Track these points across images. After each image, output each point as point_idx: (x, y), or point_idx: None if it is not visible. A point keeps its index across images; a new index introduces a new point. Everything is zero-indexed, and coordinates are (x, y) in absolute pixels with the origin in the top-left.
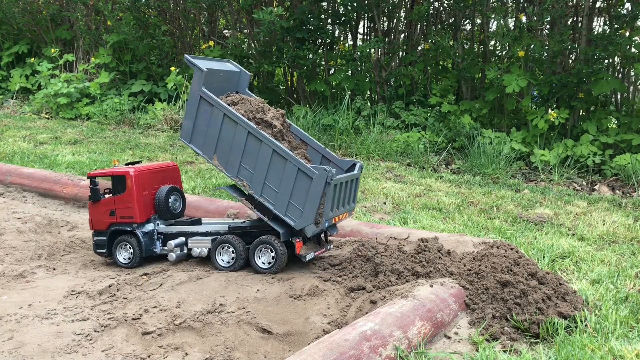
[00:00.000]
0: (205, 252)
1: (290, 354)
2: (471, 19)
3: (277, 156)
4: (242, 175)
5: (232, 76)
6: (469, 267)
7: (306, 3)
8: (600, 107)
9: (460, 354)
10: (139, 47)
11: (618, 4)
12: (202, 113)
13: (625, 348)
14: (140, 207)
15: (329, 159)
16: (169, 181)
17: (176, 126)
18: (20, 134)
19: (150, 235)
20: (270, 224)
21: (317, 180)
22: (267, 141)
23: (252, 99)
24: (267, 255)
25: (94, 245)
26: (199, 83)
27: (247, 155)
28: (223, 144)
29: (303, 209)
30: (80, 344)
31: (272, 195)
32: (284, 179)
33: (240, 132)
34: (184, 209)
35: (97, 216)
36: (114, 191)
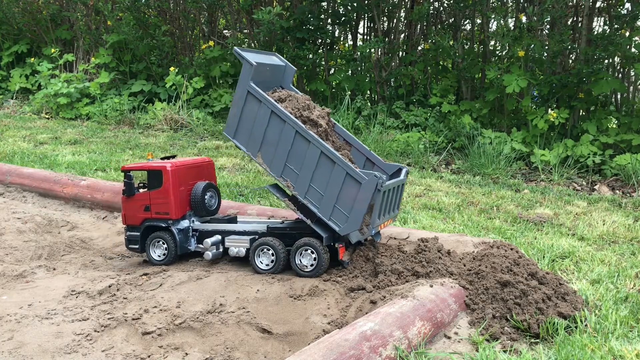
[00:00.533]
0: (243, 252)
1: (290, 354)
2: (471, 19)
3: (325, 158)
4: (287, 175)
5: (277, 70)
6: (469, 267)
7: (306, 3)
8: (600, 107)
9: (460, 354)
10: (138, 47)
11: (618, 4)
12: (249, 109)
13: (625, 348)
14: (177, 203)
15: (374, 162)
16: (204, 177)
17: (176, 126)
18: (20, 134)
19: (186, 232)
20: (313, 227)
21: (367, 186)
22: (316, 142)
23: (298, 96)
24: (309, 258)
25: (127, 241)
26: (247, 77)
27: (293, 155)
28: (269, 142)
29: (349, 215)
30: (80, 344)
31: (317, 198)
32: (330, 182)
33: (288, 131)
34: (219, 206)
35: (131, 211)
36: (150, 186)
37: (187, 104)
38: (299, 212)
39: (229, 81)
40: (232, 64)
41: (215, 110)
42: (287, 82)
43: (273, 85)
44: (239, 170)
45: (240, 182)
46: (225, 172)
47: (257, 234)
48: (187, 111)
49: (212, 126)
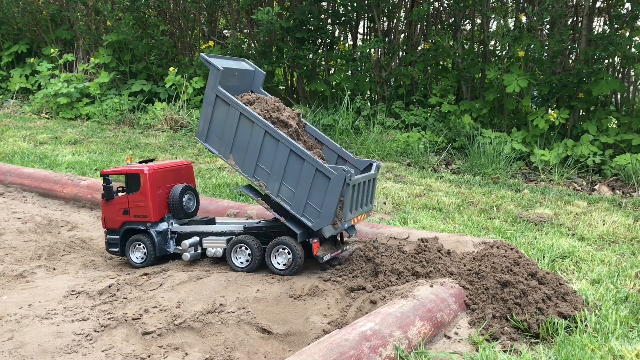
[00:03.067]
0: (220, 252)
1: (290, 354)
2: (471, 19)
3: (294, 156)
4: (259, 175)
5: (246, 75)
6: (469, 267)
7: (306, 3)
8: (600, 107)
9: (460, 354)
10: (138, 47)
11: (618, 4)
12: (218, 112)
13: (625, 348)
14: (155, 206)
15: (345, 159)
16: (182, 180)
17: (176, 126)
18: (20, 134)
19: (164, 235)
20: (287, 225)
21: (336, 181)
22: (284, 141)
23: (267, 98)
24: (284, 256)
25: (107, 244)
26: (215, 82)
27: (263, 155)
28: (239, 144)
29: (321, 210)
30: (80, 344)
31: (289, 195)
32: (301, 179)
33: (257, 131)
34: (197, 208)
35: (110, 214)
36: (128, 189)
37: (187, 104)
38: (273, 211)
39: None
40: None
41: None
42: (257, 86)
43: (243, 89)
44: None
45: (240, 182)
46: (225, 172)
47: (233, 234)
48: (187, 111)
49: None
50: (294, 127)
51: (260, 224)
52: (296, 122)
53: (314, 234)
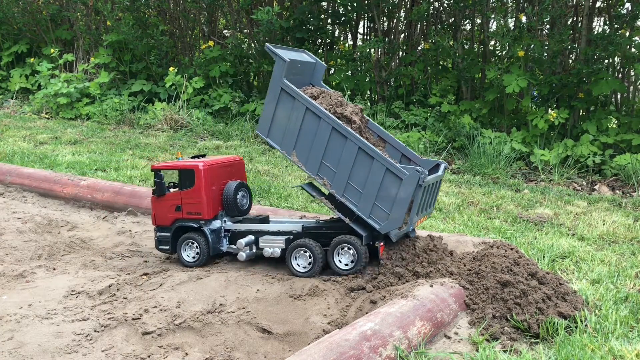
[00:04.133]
0: (278, 252)
1: (290, 354)
2: (471, 19)
3: (363, 154)
4: (324, 173)
5: (307, 67)
6: (469, 267)
7: (306, 3)
8: (600, 107)
9: (460, 354)
10: (138, 47)
11: (618, 4)
12: (283, 106)
13: (625, 348)
14: (209, 202)
15: (410, 158)
16: (235, 176)
17: (176, 126)
18: (20, 134)
19: (218, 233)
20: (352, 226)
21: (408, 182)
22: (353, 138)
23: (331, 92)
24: (348, 256)
25: (156, 242)
26: (280, 74)
27: (329, 153)
28: (304, 140)
29: (390, 212)
30: (80, 344)
31: (356, 195)
32: (369, 179)
33: (324, 127)
34: (250, 206)
35: (161, 211)
36: (181, 185)
37: (186, 104)
38: (337, 211)
39: (229, 81)
40: (231, 64)
41: (215, 110)
42: (317, 79)
43: (304, 82)
44: None
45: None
46: None
47: (291, 234)
48: (187, 111)
49: (212, 126)
50: (358, 123)
51: (320, 224)
52: (359, 118)
53: (379, 236)
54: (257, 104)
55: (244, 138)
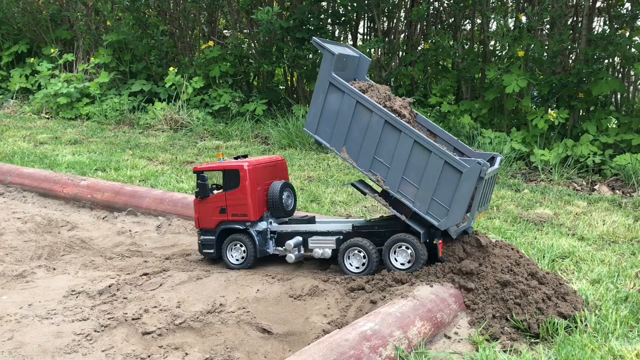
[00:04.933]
0: (329, 253)
1: (290, 354)
2: (471, 19)
3: (419, 148)
4: (376, 169)
5: (351, 61)
6: None
7: (306, 3)
8: (600, 107)
9: (460, 354)
10: (138, 47)
11: (618, 4)
12: (331, 101)
13: (625, 348)
14: (255, 203)
15: (462, 152)
16: (278, 176)
17: (176, 126)
18: (20, 134)
19: (264, 235)
20: (409, 224)
21: (468, 175)
22: (408, 131)
23: (379, 86)
24: (405, 255)
25: (200, 246)
26: (329, 68)
27: (382, 147)
28: (354, 135)
29: (449, 207)
30: (80, 344)
31: (412, 191)
32: (426, 174)
33: (376, 121)
34: (295, 206)
35: (205, 214)
36: (226, 187)
37: (186, 104)
38: (392, 208)
39: (229, 81)
40: (231, 64)
41: (215, 110)
42: (361, 74)
43: (348, 77)
44: None
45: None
46: None
47: (341, 233)
48: (187, 111)
49: (212, 126)
50: (407, 117)
51: (371, 223)
52: (409, 112)
53: (436, 233)
54: (257, 104)
55: (244, 138)
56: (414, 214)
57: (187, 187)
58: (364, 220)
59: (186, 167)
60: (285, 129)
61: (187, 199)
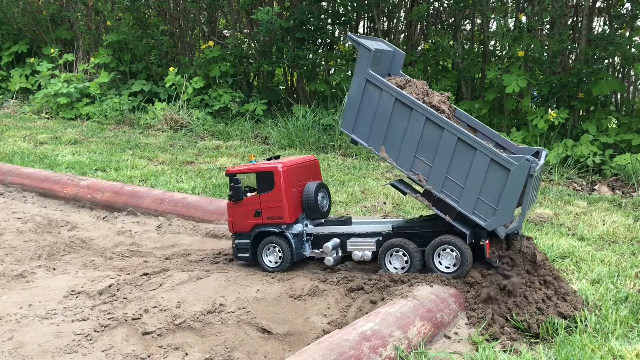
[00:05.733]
0: (369, 255)
1: (290, 354)
2: (471, 19)
3: (463, 145)
4: (418, 168)
5: (386, 56)
6: None
7: (306, 3)
8: (600, 107)
9: (460, 354)
10: (138, 47)
11: (618, 4)
12: (369, 98)
13: (625, 348)
14: (290, 205)
15: (504, 147)
16: (312, 176)
17: (176, 126)
18: (20, 134)
19: (300, 237)
20: (454, 225)
21: (517, 172)
22: (451, 128)
23: (416, 82)
24: (450, 258)
25: (235, 250)
26: (365, 64)
27: (424, 146)
28: (394, 133)
29: (497, 207)
30: (80, 344)
31: (456, 190)
32: (472, 172)
33: (416, 119)
34: (330, 207)
35: (239, 217)
36: (260, 189)
37: (186, 104)
38: (435, 208)
39: (229, 81)
40: (231, 63)
41: (215, 110)
42: (396, 69)
43: (382, 72)
44: None
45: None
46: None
47: (381, 235)
48: (187, 111)
49: (212, 126)
50: (447, 112)
51: (412, 224)
52: (447, 107)
53: (481, 234)
54: (257, 104)
55: (244, 138)
56: (459, 214)
57: (187, 187)
58: (403, 220)
59: (186, 167)
60: (285, 129)
61: (187, 199)
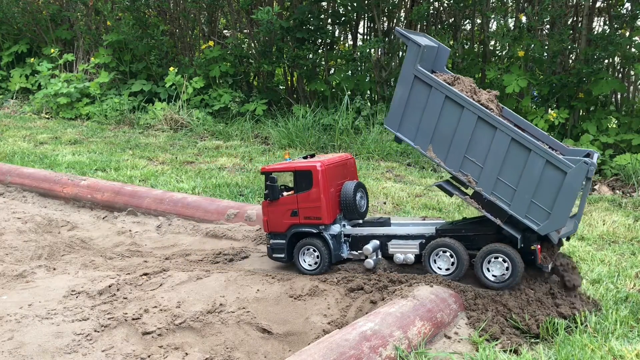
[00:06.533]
0: (411, 258)
1: (290, 354)
2: (471, 19)
3: (516, 146)
4: (467, 169)
5: (431, 52)
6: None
7: (306, 3)
8: (600, 107)
9: (460, 354)
10: (138, 47)
11: (618, 4)
12: (416, 96)
13: (625, 348)
14: (329, 206)
15: (554, 147)
16: (348, 175)
17: (176, 126)
18: (20, 134)
19: (338, 239)
20: (505, 228)
21: (574, 176)
22: (504, 128)
23: (464, 79)
24: (499, 266)
25: (270, 250)
26: (414, 61)
27: (474, 146)
28: (442, 132)
29: (551, 211)
30: (80, 344)
31: (508, 193)
32: (525, 174)
33: (467, 117)
34: (368, 207)
35: (275, 217)
36: (297, 188)
37: (187, 104)
38: (485, 211)
39: (229, 81)
40: (231, 64)
41: (215, 110)
42: (440, 65)
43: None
44: (239, 170)
45: (240, 182)
46: (225, 172)
47: (424, 237)
48: (187, 111)
49: (212, 126)
50: (495, 110)
51: (457, 226)
52: (495, 105)
53: (532, 238)
54: (257, 104)
55: (244, 138)
56: (510, 217)
57: (187, 187)
58: (445, 222)
59: (186, 167)
60: (285, 129)
61: (187, 199)
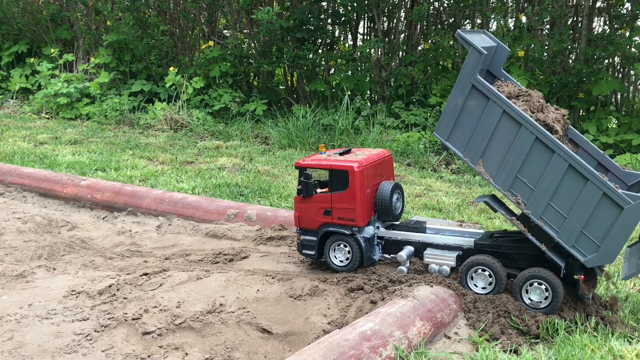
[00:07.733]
0: (447, 271)
1: (290, 354)
2: (471, 19)
3: (573, 173)
4: (517, 189)
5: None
6: None
7: (306, 3)
8: (600, 107)
9: (460, 354)
10: (138, 47)
11: (618, 4)
12: (472, 106)
13: (625, 348)
14: (364, 208)
15: (608, 168)
16: (385, 174)
17: (176, 126)
18: (20, 134)
19: (371, 241)
20: (549, 255)
21: (632, 212)
22: (563, 153)
23: (532, 93)
24: (540, 292)
25: (300, 245)
26: (473, 68)
27: (528, 167)
28: (495, 149)
29: (601, 244)
30: (80, 344)
31: (558, 220)
32: (578, 203)
33: (525, 136)
34: (403, 209)
35: (308, 213)
36: (332, 187)
37: (187, 104)
38: (530, 235)
39: (229, 81)
40: (231, 63)
41: (215, 110)
42: (497, 67)
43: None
44: (239, 170)
45: (240, 182)
46: (225, 172)
47: (461, 249)
48: (187, 111)
49: (212, 126)
50: (560, 132)
51: (498, 242)
52: (561, 126)
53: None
54: (257, 104)
55: (244, 138)
56: (557, 244)
57: (187, 187)
58: (484, 233)
59: (186, 167)
60: (285, 129)
61: (187, 199)
